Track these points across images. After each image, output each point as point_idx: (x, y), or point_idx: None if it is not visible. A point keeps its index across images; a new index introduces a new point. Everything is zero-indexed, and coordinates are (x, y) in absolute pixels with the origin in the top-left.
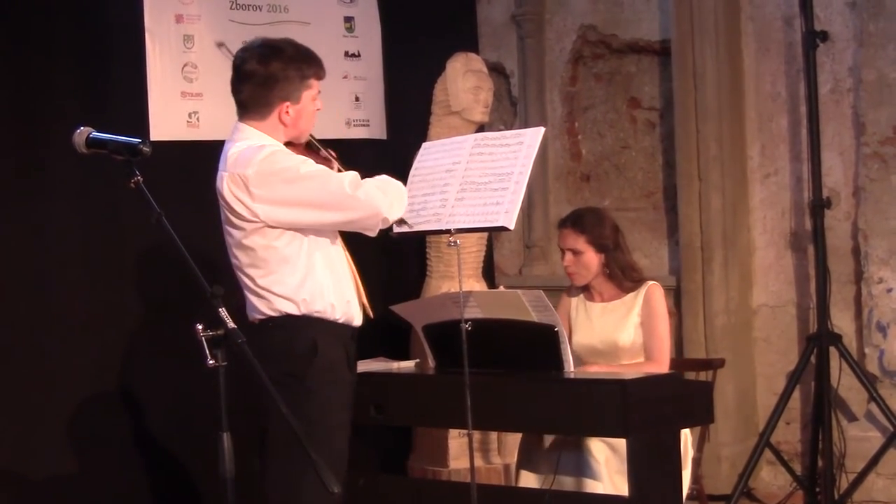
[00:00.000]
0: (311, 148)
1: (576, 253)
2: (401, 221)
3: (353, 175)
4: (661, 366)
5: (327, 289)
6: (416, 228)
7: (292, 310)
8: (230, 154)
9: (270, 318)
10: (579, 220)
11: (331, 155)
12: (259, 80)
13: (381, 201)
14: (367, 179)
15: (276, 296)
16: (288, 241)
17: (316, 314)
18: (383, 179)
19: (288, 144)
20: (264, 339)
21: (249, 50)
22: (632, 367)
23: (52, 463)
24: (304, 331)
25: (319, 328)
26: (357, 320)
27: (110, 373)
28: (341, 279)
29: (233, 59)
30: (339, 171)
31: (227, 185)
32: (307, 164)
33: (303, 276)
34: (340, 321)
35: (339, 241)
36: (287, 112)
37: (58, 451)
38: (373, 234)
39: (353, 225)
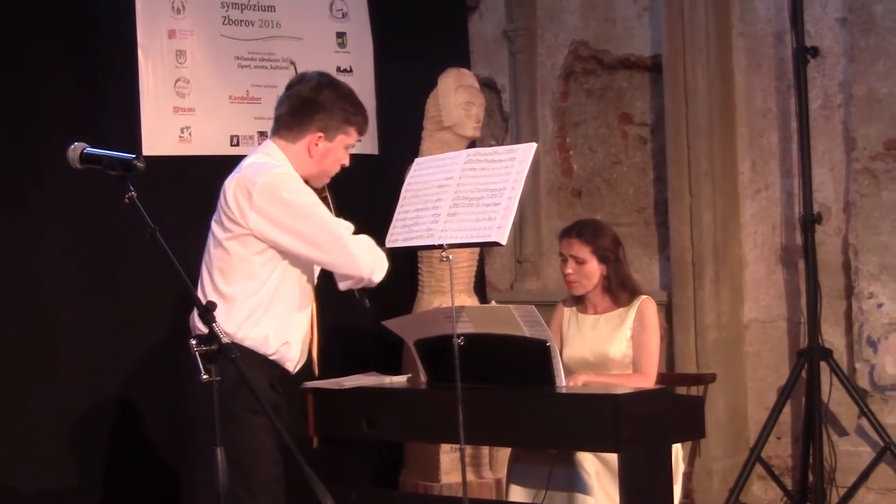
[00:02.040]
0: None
1: (579, 262)
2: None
3: (349, 226)
4: (648, 378)
5: (272, 323)
6: (408, 244)
7: (231, 329)
8: (247, 162)
9: None
10: (584, 230)
11: (328, 193)
12: (305, 101)
13: (367, 264)
14: (360, 237)
15: (225, 305)
16: (264, 261)
17: (248, 344)
18: (370, 244)
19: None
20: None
21: (309, 75)
22: (619, 378)
23: (43, 475)
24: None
25: (247, 359)
26: (289, 365)
27: (102, 386)
28: (292, 321)
29: (289, 82)
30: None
31: (233, 185)
32: (313, 198)
33: (257, 300)
34: (271, 358)
35: (311, 286)
36: (316, 144)
37: (49, 463)
38: (343, 287)
39: (331, 268)
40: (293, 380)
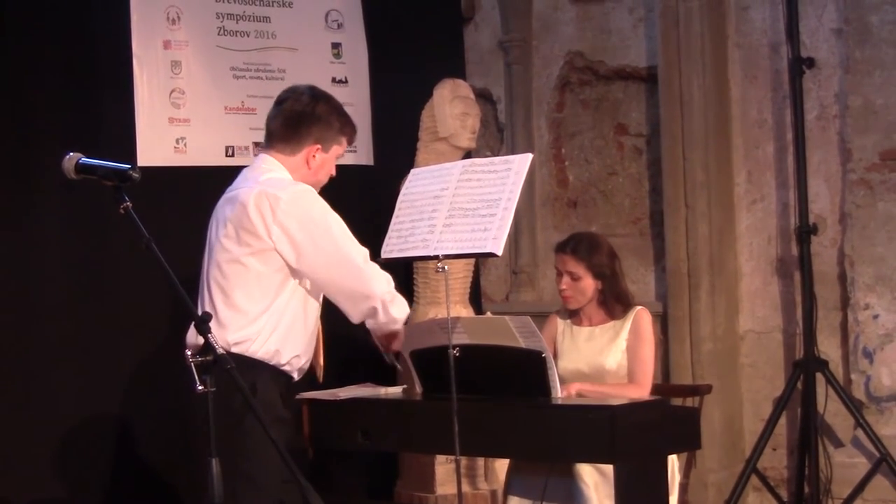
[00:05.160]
0: None
1: (574, 278)
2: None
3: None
4: (643, 389)
5: (281, 335)
6: (403, 254)
7: (242, 340)
8: (263, 178)
9: None
10: (579, 247)
11: None
12: (301, 114)
13: (380, 284)
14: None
15: (240, 320)
16: (283, 277)
17: (260, 356)
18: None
19: None
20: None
21: (299, 89)
22: (614, 388)
23: (39, 485)
24: (246, 373)
25: (260, 371)
26: (297, 375)
27: (96, 398)
28: (300, 333)
29: (278, 96)
30: None
31: (253, 199)
32: (337, 218)
33: (272, 315)
34: (282, 368)
35: (319, 303)
36: (314, 156)
37: (45, 473)
38: (356, 319)
39: (342, 292)
40: (290, 389)
